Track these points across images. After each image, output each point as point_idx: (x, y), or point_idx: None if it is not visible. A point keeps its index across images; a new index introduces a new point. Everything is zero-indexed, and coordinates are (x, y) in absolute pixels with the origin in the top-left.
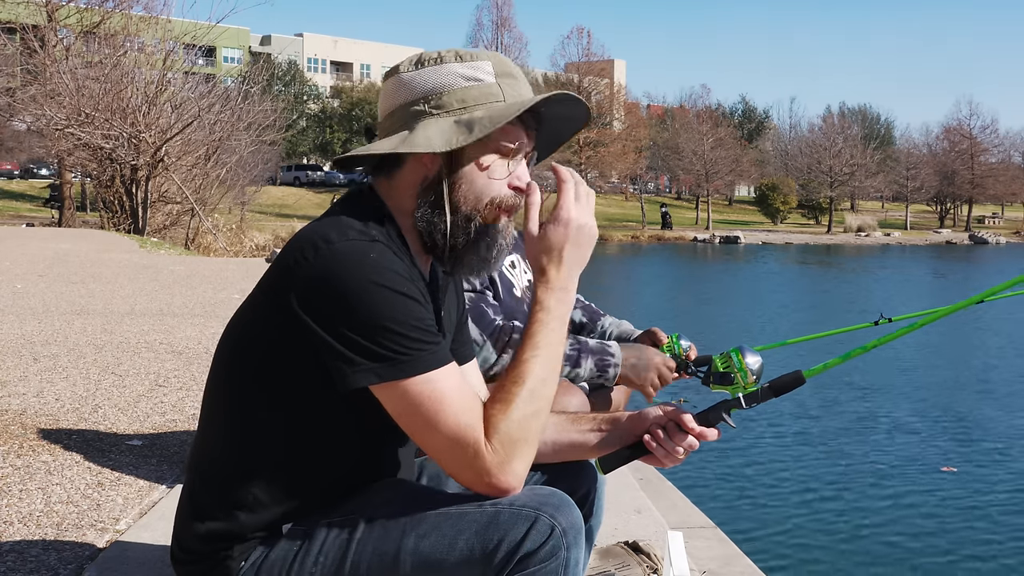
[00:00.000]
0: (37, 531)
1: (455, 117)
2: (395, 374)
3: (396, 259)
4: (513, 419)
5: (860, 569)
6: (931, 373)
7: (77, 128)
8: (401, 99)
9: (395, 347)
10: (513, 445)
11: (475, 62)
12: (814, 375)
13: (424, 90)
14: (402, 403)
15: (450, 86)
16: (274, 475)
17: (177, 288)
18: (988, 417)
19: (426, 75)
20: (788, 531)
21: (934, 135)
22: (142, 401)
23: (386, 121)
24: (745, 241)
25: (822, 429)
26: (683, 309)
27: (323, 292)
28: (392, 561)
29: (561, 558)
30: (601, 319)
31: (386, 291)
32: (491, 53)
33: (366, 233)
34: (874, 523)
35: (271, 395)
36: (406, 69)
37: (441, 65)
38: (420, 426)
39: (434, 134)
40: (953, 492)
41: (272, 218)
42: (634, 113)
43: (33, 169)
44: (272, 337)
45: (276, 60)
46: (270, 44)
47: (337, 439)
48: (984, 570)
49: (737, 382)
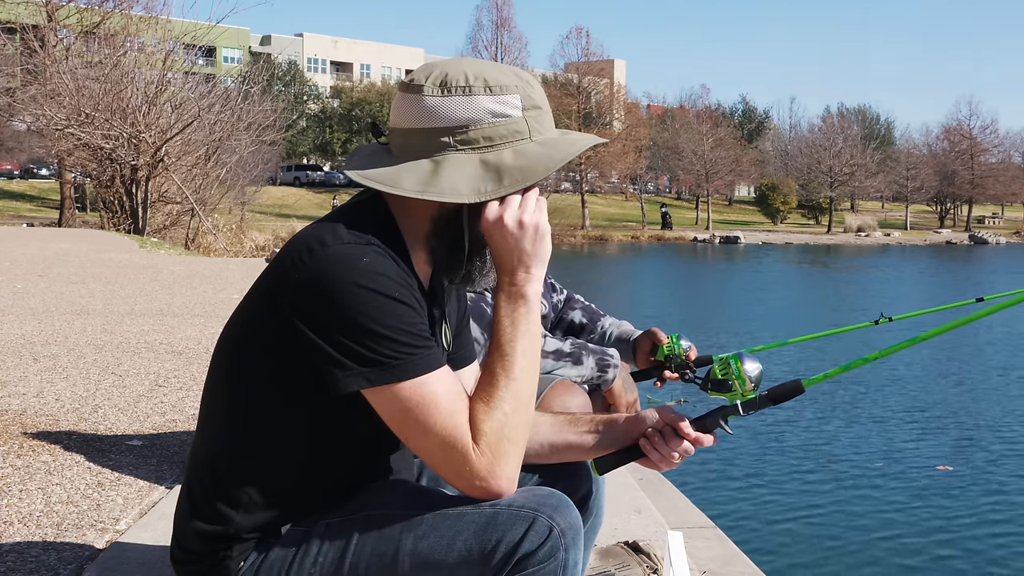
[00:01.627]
0: (37, 531)
1: (480, 155)
2: (385, 378)
3: (390, 263)
4: (496, 418)
5: (860, 569)
6: (930, 373)
7: (77, 128)
8: (423, 124)
9: (385, 351)
10: (499, 446)
11: (504, 96)
12: (813, 384)
13: (450, 121)
14: (392, 407)
15: (478, 121)
16: (273, 476)
17: (177, 288)
18: (987, 417)
19: (453, 106)
20: (788, 531)
21: (934, 135)
22: (142, 401)
23: (402, 138)
24: (745, 241)
25: (822, 429)
26: (683, 309)
27: (315, 295)
28: (391, 562)
29: (560, 559)
30: (601, 319)
31: (377, 296)
32: (518, 79)
33: (361, 237)
34: (874, 522)
35: (269, 396)
36: (432, 93)
37: (470, 98)
38: (411, 430)
39: (460, 180)
40: (952, 491)
41: (272, 218)
42: (634, 113)
43: (33, 169)
44: (268, 339)
45: (276, 60)
46: (270, 44)
47: (336, 440)
48: (983, 569)
49: (735, 389)
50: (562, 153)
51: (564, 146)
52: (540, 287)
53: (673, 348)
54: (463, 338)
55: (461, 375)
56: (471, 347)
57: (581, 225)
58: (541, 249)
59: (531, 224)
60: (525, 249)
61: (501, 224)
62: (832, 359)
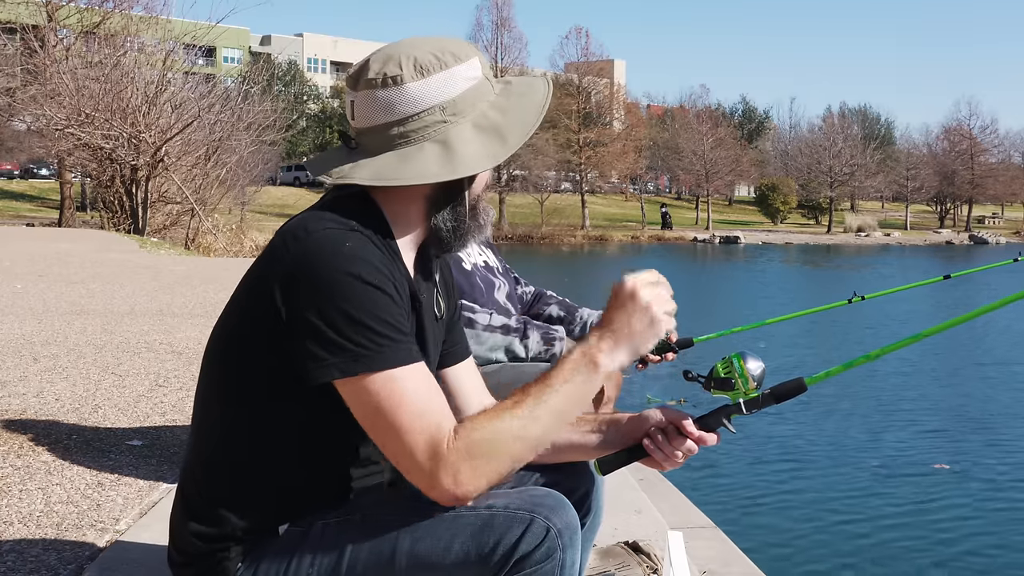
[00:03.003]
0: (37, 531)
1: (472, 121)
2: (356, 368)
3: (374, 249)
4: (495, 429)
5: (860, 568)
6: (930, 372)
7: (77, 128)
8: (411, 110)
9: (359, 339)
10: (478, 452)
11: (470, 61)
12: (816, 382)
13: (438, 99)
14: (362, 400)
15: (460, 89)
16: (269, 475)
17: (177, 288)
18: (986, 416)
19: (437, 84)
20: (788, 531)
21: (934, 135)
22: (142, 401)
23: (387, 131)
24: (745, 241)
25: (821, 429)
26: (681, 309)
27: (297, 279)
28: (388, 562)
29: (557, 559)
30: (579, 311)
31: (356, 281)
32: (460, 43)
33: (345, 223)
34: (873, 522)
35: (263, 394)
36: (413, 79)
37: (449, 71)
38: (379, 425)
39: (473, 150)
40: (952, 490)
41: (272, 218)
42: (634, 113)
43: (33, 169)
44: (260, 332)
45: (276, 60)
46: (270, 44)
47: (331, 437)
48: (983, 568)
49: (738, 388)
50: (539, 96)
51: (528, 92)
52: (614, 368)
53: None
54: (455, 335)
55: (456, 370)
56: (464, 344)
57: (581, 225)
58: (641, 338)
59: (655, 315)
60: (633, 325)
61: (636, 294)
62: (835, 357)
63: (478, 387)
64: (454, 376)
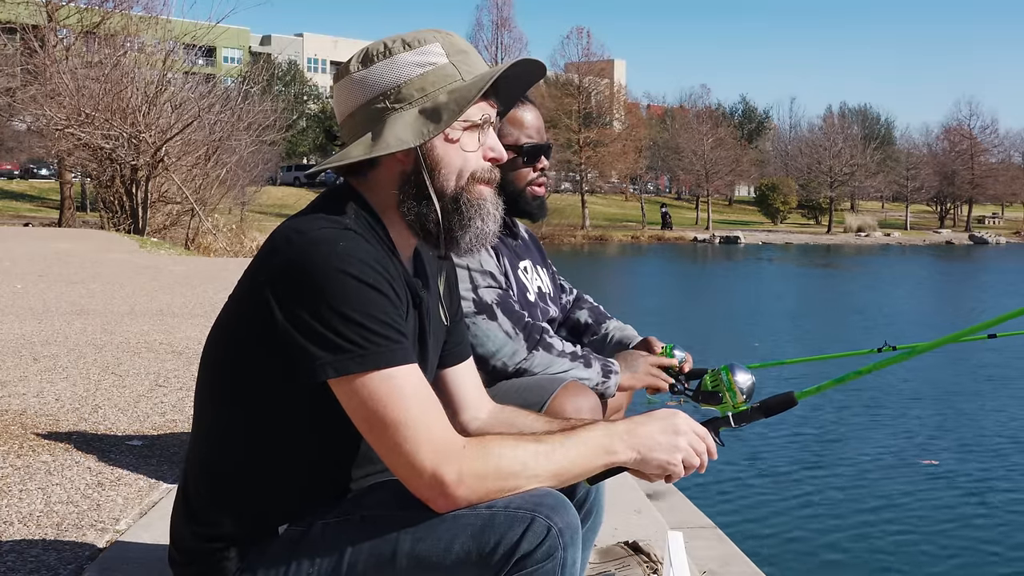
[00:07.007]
0: (37, 531)
1: (418, 107)
2: (350, 367)
3: (369, 248)
4: (510, 458)
5: (860, 568)
6: (929, 372)
7: (77, 128)
8: (359, 100)
9: (353, 337)
10: (484, 464)
11: (425, 47)
12: (806, 397)
13: (381, 86)
14: (356, 399)
15: (406, 77)
16: (268, 475)
17: (177, 288)
18: (985, 416)
19: (379, 71)
20: (788, 531)
21: (934, 135)
22: (142, 401)
23: (347, 124)
24: (745, 241)
25: (821, 429)
26: (682, 312)
27: (292, 279)
28: (389, 562)
29: (558, 559)
30: (607, 322)
31: (351, 280)
32: (436, 32)
33: (339, 222)
34: (873, 522)
35: (259, 395)
36: (356, 68)
37: (392, 58)
38: (375, 425)
39: (402, 130)
40: (951, 489)
41: (272, 218)
42: (634, 113)
43: (33, 169)
44: (255, 333)
45: (276, 60)
46: (270, 44)
47: (333, 439)
48: (982, 568)
49: (725, 401)
50: (492, 70)
51: (494, 69)
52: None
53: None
54: (457, 335)
55: (456, 371)
56: (466, 344)
57: (581, 225)
58: (652, 462)
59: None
60: (656, 451)
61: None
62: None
63: (478, 387)
64: (454, 376)
